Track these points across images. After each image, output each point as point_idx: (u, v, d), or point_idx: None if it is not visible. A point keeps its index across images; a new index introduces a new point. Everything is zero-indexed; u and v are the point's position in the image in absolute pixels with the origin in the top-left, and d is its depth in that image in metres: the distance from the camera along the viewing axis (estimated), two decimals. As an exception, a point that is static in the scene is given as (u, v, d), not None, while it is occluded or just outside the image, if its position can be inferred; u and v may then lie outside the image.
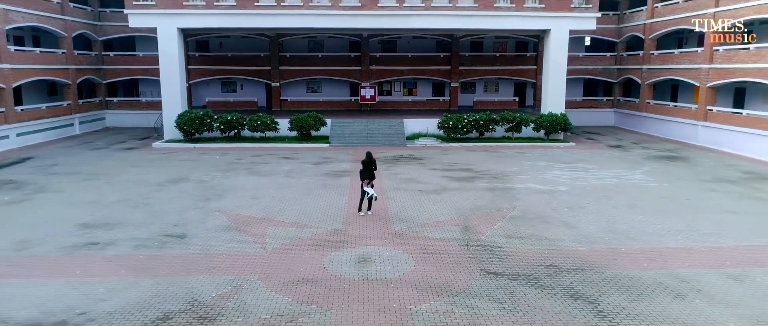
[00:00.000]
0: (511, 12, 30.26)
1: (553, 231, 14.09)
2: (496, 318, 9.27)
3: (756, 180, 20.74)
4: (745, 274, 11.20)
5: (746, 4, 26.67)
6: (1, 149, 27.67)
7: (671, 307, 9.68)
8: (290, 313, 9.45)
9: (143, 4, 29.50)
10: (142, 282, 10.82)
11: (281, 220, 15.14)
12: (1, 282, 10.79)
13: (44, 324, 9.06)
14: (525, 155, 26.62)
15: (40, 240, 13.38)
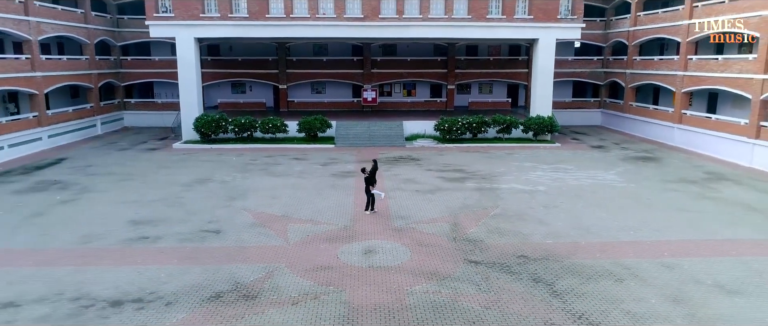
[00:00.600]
0: (502, 23, 32.83)
1: (528, 227, 16.81)
2: (473, 297, 12.01)
3: (714, 181, 23.44)
4: (676, 263, 13.93)
5: (716, 17, 29.22)
6: (35, 150, 30.34)
7: (610, 288, 12.42)
8: (313, 292, 12.19)
9: (163, 16, 32.02)
10: (192, 269, 13.56)
11: (298, 218, 17.85)
12: (81, 269, 13.51)
13: (125, 301, 11.79)
14: (513, 156, 29.31)
15: (100, 235, 16.10)
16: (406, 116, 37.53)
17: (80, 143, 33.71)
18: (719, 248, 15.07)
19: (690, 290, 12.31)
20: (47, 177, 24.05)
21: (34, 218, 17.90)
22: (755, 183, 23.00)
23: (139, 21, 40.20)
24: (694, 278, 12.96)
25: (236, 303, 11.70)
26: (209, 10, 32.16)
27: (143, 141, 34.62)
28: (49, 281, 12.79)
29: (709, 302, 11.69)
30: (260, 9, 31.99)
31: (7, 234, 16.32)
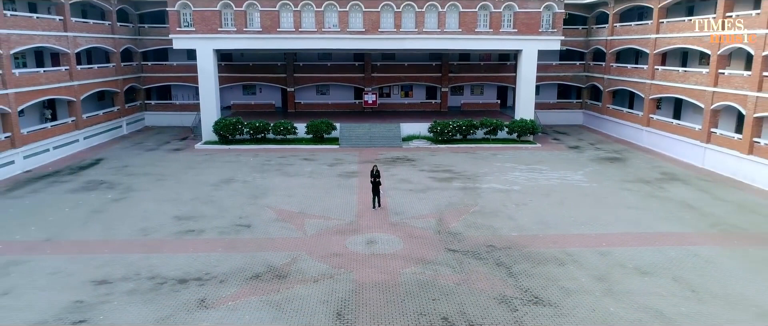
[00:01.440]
0: (490, 36, 36.56)
1: (499, 222, 20.75)
2: (449, 276, 15.97)
3: (666, 181, 27.36)
4: (609, 251, 17.87)
5: (676, 34, 32.96)
6: (74, 151, 34.21)
7: (553, 270, 16.37)
8: (329, 273, 16.15)
9: (185, 30, 35.70)
10: (234, 255, 17.51)
11: (312, 214, 21.78)
12: (148, 256, 17.43)
13: (188, 279, 15.75)
14: (497, 156, 33.19)
15: (154, 229, 20.04)
16: (403, 117, 41.29)
17: (110, 143, 37.58)
18: (647, 239, 19.01)
19: (613, 272, 16.27)
20: (92, 177, 27.94)
21: (96, 214, 21.83)
22: (700, 183, 26.91)
23: (158, 29, 44.05)
24: (619, 263, 16.91)
25: (271, 281, 15.66)
26: (226, 24, 35.84)
27: (166, 141, 38.48)
28: (126, 264, 16.75)
29: (624, 280, 15.66)
30: (272, 23, 35.70)
31: (79, 227, 20.26)
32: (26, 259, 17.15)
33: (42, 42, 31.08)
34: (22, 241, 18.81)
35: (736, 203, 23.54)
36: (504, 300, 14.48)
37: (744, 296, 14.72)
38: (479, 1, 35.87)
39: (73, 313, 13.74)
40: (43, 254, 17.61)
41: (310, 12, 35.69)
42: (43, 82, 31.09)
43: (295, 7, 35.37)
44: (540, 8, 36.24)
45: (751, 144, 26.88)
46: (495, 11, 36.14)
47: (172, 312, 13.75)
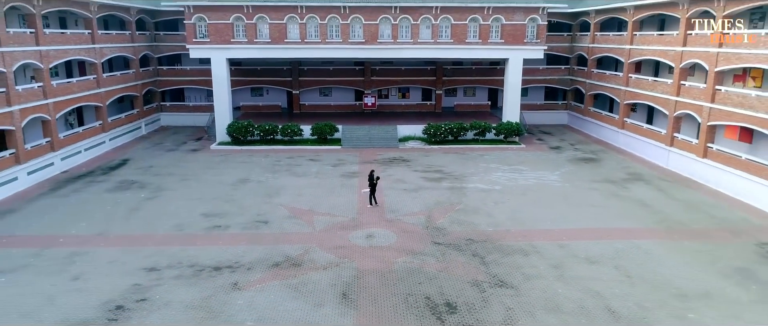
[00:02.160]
0: (479, 46, 40.00)
1: (478, 219, 24.40)
2: (433, 265, 19.63)
3: (631, 181, 30.98)
4: (567, 244, 21.53)
5: (648, 46, 36.43)
6: (102, 152, 37.78)
7: (518, 260, 20.02)
8: (336, 262, 19.81)
9: (200, 40, 39.11)
10: (256, 247, 21.17)
11: (320, 212, 25.42)
12: (185, 248, 21.07)
13: (222, 267, 19.41)
14: (484, 157, 36.78)
15: (187, 225, 23.69)
16: (400, 119, 44.75)
17: (132, 144, 41.17)
18: (600, 234, 22.66)
19: (567, 261, 19.94)
20: (123, 177, 31.55)
21: (134, 212, 25.48)
22: (660, 183, 30.54)
23: (172, 36, 47.48)
24: (573, 254, 20.58)
25: (289, 269, 19.33)
26: (238, 35, 39.26)
27: (183, 141, 42.04)
28: (168, 255, 20.41)
29: (574, 268, 19.32)
30: (280, 35, 39.13)
31: (121, 223, 23.92)
32: (85, 251, 20.82)
33: (75, 55, 34.56)
34: (78, 235, 22.47)
35: (685, 202, 27.19)
36: (476, 283, 18.16)
37: (668, 281, 18.39)
38: (469, 14, 39.27)
39: (134, 294, 17.42)
40: (98, 246, 21.27)
41: (314, 24, 39.09)
42: (75, 90, 34.61)
43: (301, 20, 38.78)
44: (525, 21, 39.64)
45: (705, 148, 30.47)
46: (484, 23, 39.54)
47: (213, 293, 17.43)
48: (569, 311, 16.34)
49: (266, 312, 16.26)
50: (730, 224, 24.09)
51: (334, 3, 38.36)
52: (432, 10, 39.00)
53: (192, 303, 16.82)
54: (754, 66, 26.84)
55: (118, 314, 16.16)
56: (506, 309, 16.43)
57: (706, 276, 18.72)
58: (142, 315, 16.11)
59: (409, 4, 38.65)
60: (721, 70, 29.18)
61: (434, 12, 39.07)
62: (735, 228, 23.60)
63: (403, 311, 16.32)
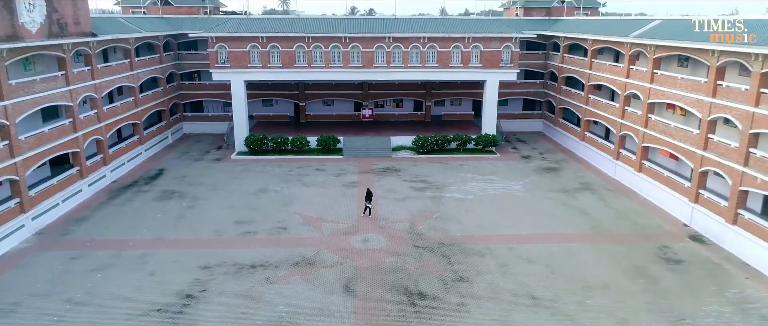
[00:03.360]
0: (461, 69, 46.55)
1: (450, 225, 31.27)
2: (412, 264, 26.54)
3: (580, 191, 37.82)
4: (515, 247, 28.41)
5: (602, 73, 42.99)
6: (140, 162, 44.55)
7: (476, 260, 26.94)
8: (341, 261, 26.75)
9: (222, 65, 45.61)
10: (280, 250, 28.07)
11: (327, 219, 32.29)
12: (227, 251, 27.96)
13: (256, 266, 26.34)
14: (463, 167, 43.55)
15: (224, 230, 30.58)
16: (394, 129, 51.35)
17: (162, 153, 47.96)
18: (542, 238, 29.56)
19: (512, 261, 26.86)
20: (164, 187, 38.36)
21: (180, 219, 32.36)
22: (604, 193, 37.38)
23: (192, 55, 53.99)
24: (518, 255, 27.50)
25: (305, 267, 26.25)
26: (254, 61, 45.74)
27: (206, 150, 48.81)
28: (215, 256, 27.31)
29: (516, 266, 26.23)
30: (289, 60, 45.65)
31: (173, 229, 30.81)
32: (152, 252, 27.74)
33: (119, 82, 41.15)
34: (143, 239, 29.39)
35: (618, 210, 34.09)
36: (441, 278, 25.10)
37: (581, 276, 25.33)
38: (452, 43, 45.78)
39: (196, 285, 24.36)
40: (160, 249, 28.19)
41: (319, 51, 45.60)
42: (119, 112, 41.26)
43: (308, 47, 45.28)
44: (500, 48, 46.14)
45: (640, 164, 37.27)
46: (465, 50, 46.06)
47: (253, 285, 24.36)
48: (505, 298, 23.30)
49: (292, 299, 23.20)
50: (645, 230, 31.02)
51: (336, 34, 44.85)
52: (420, 40, 45.49)
53: (238, 292, 23.76)
54: (673, 102, 33.46)
55: (189, 300, 23.10)
56: (461, 297, 23.39)
57: (610, 273, 25.67)
58: (205, 301, 23.06)
59: (401, 35, 45.13)
60: (652, 102, 35.83)
61: (422, 41, 45.56)
62: (648, 233, 30.53)
63: (388, 298, 23.28)
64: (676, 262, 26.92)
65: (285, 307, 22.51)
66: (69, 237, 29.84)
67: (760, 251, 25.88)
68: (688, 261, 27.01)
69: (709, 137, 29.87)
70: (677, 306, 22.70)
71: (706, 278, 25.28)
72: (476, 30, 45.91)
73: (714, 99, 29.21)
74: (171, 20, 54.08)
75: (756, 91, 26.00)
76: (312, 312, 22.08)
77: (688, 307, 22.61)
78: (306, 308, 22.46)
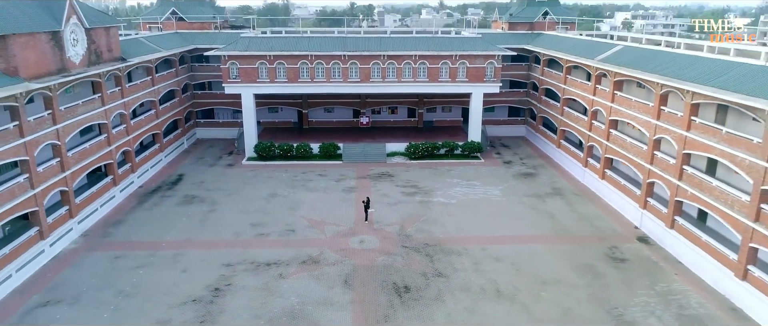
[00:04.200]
0: (449, 83, 51.60)
1: (434, 228, 36.53)
2: (401, 262, 31.81)
3: (551, 196, 43.05)
4: (488, 247, 33.70)
5: (574, 89, 48.06)
6: (160, 168, 49.73)
7: (453, 258, 32.22)
8: (341, 260, 32.04)
9: (234, 80, 50.63)
10: (289, 250, 33.36)
11: (329, 222, 37.55)
12: (246, 251, 33.24)
13: (271, 263, 31.63)
14: (450, 172, 48.73)
15: (241, 232, 35.86)
16: (388, 136, 56.41)
17: (179, 158, 53.16)
18: (511, 240, 34.82)
19: (483, 259, 32.15)
20: (185, 192, 43.58)
21: (203, 222, 37.62)
22: (572, 198, 42.61)
23: (204, 66, 58.92)
24: (489, 254, 32.79)
25: (311, 264, 31.55)
26: (262, 76, 50.76)
27: (219, 156, 54.01)
28: (236, 255, 32.59)
29: (486, 264, 31.53)
30: (294, 75, 50.69)
31: (198, 232, 36.07)
32: (182, 252, 33.02)
33: (143, 98, 46.23)
34: (173, 241, 34.66)
35: (581, 214, 39.35)
36: (424, 274, 30.41)
37: (539, 272, 30.62)
38: (441, 60, 50.79)
39: (222, 281, 29.65)
40: (189, 249, 33.48)
41: (321, 67, 50.61)
42: (143, 124, 46.39)
43: (311, 64, 50.30)
44: (484, 64, 51.15)
45: (603, 172, 42.49)
46: (452, 66, 51.08)
47: (268, 280, 29.66)
48: (474, 291, 28.62)
49: (301, 291, 28.51)
50: (601, 232, 36.31)
51: (336, 52, 49.87)
52: (412, 57, 50.51)
53: (257, 286, 29.05)
54: (628, 121, 38.57)
55: (217, 293, 28.42)
56: (438, 290, 28.71)
57: (564, 270, 30.98)
58: (231, 294, 28.37)
59: (395, 53, 50.14)
60: (613, 119, 40.95)
61: (414, 58, 50.57)
62: (602, 235, 35.83)
63: (379, 291, 28.59)
64: (621, 260, 32.25)
65: (296, 298, 27.82)
66: (109, 238, 35.14)
67: (690, 252, 31.18)
68: (632, 260, 32.34)
69: (655, 153, 35.03)
70: (613, 297, 28.04)
71: (643, 274, 30.61)
72: (463, 48, 50.92)
73: (658, 121, 34.35)
74: (185, 35, 58.99)
75: (687, 118, 31.12)
76: (317, 303, 27.40)
77: (622, 298, 27.95)
78: (312, 299, 27.78)
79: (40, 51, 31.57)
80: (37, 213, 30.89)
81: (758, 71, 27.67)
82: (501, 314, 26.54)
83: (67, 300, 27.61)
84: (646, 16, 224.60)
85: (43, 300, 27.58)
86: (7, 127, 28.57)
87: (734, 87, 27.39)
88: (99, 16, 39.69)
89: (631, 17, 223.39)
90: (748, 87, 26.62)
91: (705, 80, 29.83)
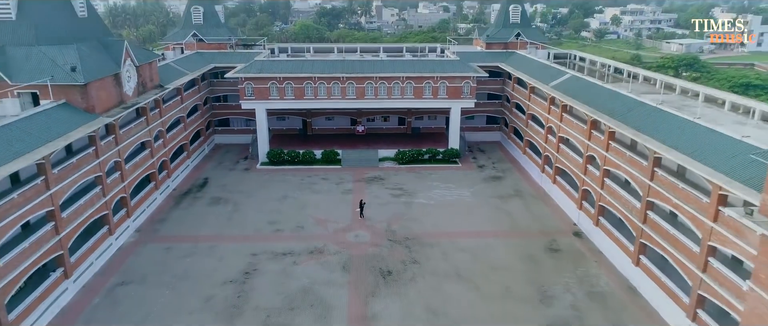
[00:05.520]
0: (431, 100, 60.86)
1: (414, 225, 46.06)
2: (387, 252, 41.37)
3: (512, 197, 52.54)
4: (456, 241, 43.21)
5: (535, 106, 57.33)
6: (188, 172, 59.14)
7: (427, 249, 41.75)
8: (340, 251, 41.56)
9: (249, 98, 59.83)
10: (301, 243, 42.88)
11: (331, 220, 47.05)
12: (267, 244, 42.73)
13: (287, 253, 41.17)
14: (431, 176, 58.17)
15: (261, 229, 45.40)
16: (381, 143, 65.68)
17: (202, 163, 62.58)
18: (474, 235, 44.34)
19: (450, 250, 41.70)
20: (211, 194, 53.02)
21: (230, 220, 47.11)
22: (529, 199, 52.09)
23: (221, 81, 68.03)
24: (455, 247, 42.33)
25: (318, 254, 41.09)
26: (272, 94, 59.91)
27: (236, 161, 63.41)
28: (258, 247, 42.12)
29: (452, 255, 41.09)
30: (300, 93, 59.90)
31: (227, 228, 45.56)
32: (216, 245, 42.55)
33: (176, 115, 55.51)
34: (208, 235, 44.18)
35: (534, 213, 48.87)
36: (403, 262, 39.98)
37: (493, 261, 40.18)
38: (425, 80, 59.97)
39: (250, 266, 39.20)
40: (222, 242, 43.02)
41: (323, 87, 59.81)
42: (176, 137, 55.71)
43: (314, 84, 59.49)
44: (462, 84, 60.36)
45: (554, 178, 51.96)
46: (435, 85, 60.29)
47: (285, 266, 39.22)
48: (440, 274, 38.19)
49: (311, 275, 38.07)
50: (547, 228, 45.87)
51: (336, 74, 59.07)
52: (400, 78, 59.69)
53: (278, 271, 38.62)
54: (570, 138, 47.92)
55: (247, 276, 38.00)
56: (413, 273, 38.30)
57: (511, 258, 40.55)
58: (258, 277, 37.93)
59: (385, 75, 59.33)
60: (561, 136, 50.30)
61: (402, 79, 59.76)
62: (547, 230, 45.38)
63: (368, 274, 38.16)
64: (557, 251, 41.86)
65: (306, 280, 37.40)
66: (158, 234, 44.66)
67: (607, 244, 40.75)
68: (564, 250, 41.94)
69: (587, 166, 44.46)
70: (543, 279, 37.66)
71: (570, 261, 40.21)
72: (443, 70, 60.07)
73: (589, 142, 43.73)
74: (204, 55, 68.00)
75: (607, 142, 40.48)
76: (323, 283, 36.99)
77: (549, 280, 37.57)
78: (319, 280, 37.35)
79: (107, 90, 40.81)
80: (108, 216, 40.31)
81: (650, 112, 37.05)
82: (458, 291, 36.17)
83: (136, 281, 37.22)
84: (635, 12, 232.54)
85: (119, 281, 37.20)
86: (88, 151, 37.86)
87: (633, 123, 36.79)
88: (144, 53, 48.87)
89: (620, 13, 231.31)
90: (638, 123, 36.02)
91: (618, 114, 39.21)
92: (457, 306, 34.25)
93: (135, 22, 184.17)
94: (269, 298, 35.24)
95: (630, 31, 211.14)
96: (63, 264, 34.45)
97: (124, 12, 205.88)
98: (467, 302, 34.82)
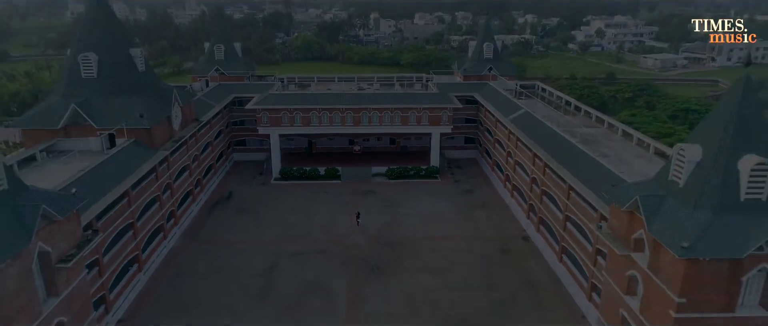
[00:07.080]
0: (416, 126, 73.64)
1: (400, 231, 58.78)
2: (378, 252, 54.14)
3: (479, 207, 65.28)
4: (431, 243, 55.89)
5: (499, 132, 70.11)
6: (215, 187, 71.84)
7: (410, 251, 54.49)
8: (340, 251, 54.31)
9: (265, 124, 72.57)
10: (311, 246, 55.64)
11: (333, 226, 59.82)
12: (284, 247, 55.48)
13: (300, 253, 53.94)
14: (415, 190, 70.84)
15: (280, 234, 58.16)
16: (375, 160, 78.40)
17: (225, 178, 75.37)
18: (444, 239, 56.98)
19: (425, 251, 54.42)
20: (237, 205, 65.73)
21: (252, 227, 59.87)
22: (492, 209, 64.85)
23: (239, 109, 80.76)
24: (430, 248, 55.05)
25: (323, 254, 53.82)
26: (284, 122, 72.69)
27: (253, 176, 76.18)
28: (278, 249, 54.84)
29: (427, 254, 53.78)
30: (306, 121, 72.69)
31: (254, 233, 58.27)
32: (246, 247, 55.28)
33: (206, 141, 68.29)
34: (242, 239, 56.82)
35: (494, 221, 61.65)
36: (389, 259, 52.73)
37: (455, 259, 52.87)
38: (411, 110, 72.75)
39: (272, 263, 51.93)
40: (250, 245, 55.75)
41: (326, 115, 72.57)
42: (206, 159, 68.47)
43: (319, 114, 72.29)
44: (441, 113, 73.18)
45: (512, 192, 64.71)
46: (418, 114, 73.09)
47: (299, 263, 51.97)
48: (416, 269, 50.87)
49: (318, 269, 50.73)
50: (501, 233, 58.64)
51: (336, 106, 71.92)
52: (390, 109, 72.51)
53: (293, 266, 51.30)
54: (521, 162, 60.68)
55: (271, 270, 50.68)
56: (396, 269, 51.00)
57: (470, 257, 53.26)
58: (279, 270, 50.64)
59: (378, 106, 72.15)
60: (516, 159, 63.06)
61: (391, 109, 72.58)
62: (502, 235, 58.16)
63: (362, 269, 50.86)
64: (507, 251, 54.63)
65: (315, 273, 50.12)
66: (198, 238, 57.41)
67: (544, 245, 53.55)
68: (512, 251, 54.72)
69: (532, 185, 57.25)
70: (492, 272, 50.40)
71: (514, 259, 52.98)
72: (425, 102, 72.87)
73: (533, 166, 56.52)
74: (226, 86, 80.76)
75: (543, 167, 53.25)
76: (328, 275, 49.70)
77: (495, 272, 50.32)
78: (325, 273, 50.06)
79: (163, 128, 53.59)
80: (163, 225, 53.07)
81: (570, 147, 49.91)
82: (429, 281, 48.89)
83: (189, 274, 49.98)
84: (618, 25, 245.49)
85: (177, 273, 49.96)
86: (151, 176, 50.61)
87: (557, 156, 49.66)
88: (186, 94, 61.59)
89: (605, 26, 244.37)
90: (561, 156, 48.90)
91: (549, 147, 52.09)
92: (427, 292, 47.01)
93: (147, 37, 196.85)
94: (288, 286, 47.96)
95: (613, 43, 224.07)
96: (138, 261, 47.20)
97: (136, 26, 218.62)
98: (435, 289, 47.59)
